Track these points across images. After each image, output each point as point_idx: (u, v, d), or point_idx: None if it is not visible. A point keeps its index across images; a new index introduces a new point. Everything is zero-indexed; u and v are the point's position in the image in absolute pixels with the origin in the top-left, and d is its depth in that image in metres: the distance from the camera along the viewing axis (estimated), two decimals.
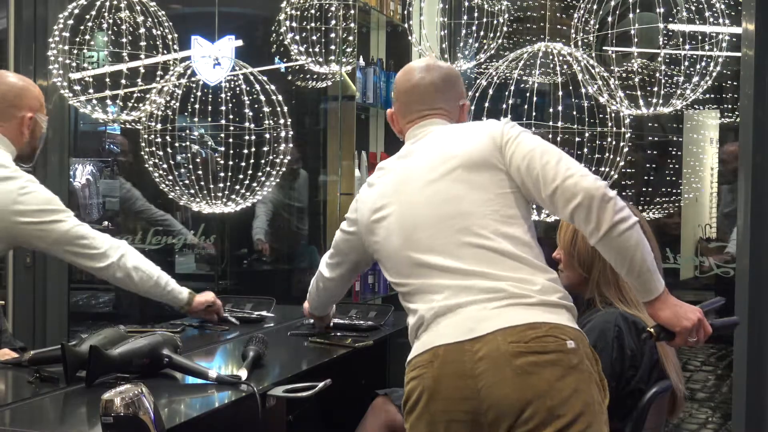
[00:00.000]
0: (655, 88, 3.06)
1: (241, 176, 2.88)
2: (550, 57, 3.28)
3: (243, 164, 2.87)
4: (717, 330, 2.07)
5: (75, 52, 3.09)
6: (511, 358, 1.84)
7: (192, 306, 2.89)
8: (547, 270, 2.01)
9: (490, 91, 3.33)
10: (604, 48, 3.32)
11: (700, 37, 3.20)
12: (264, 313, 3.27)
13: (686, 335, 1.98)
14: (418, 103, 2.25)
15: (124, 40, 2.99)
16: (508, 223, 2.00)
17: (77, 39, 3.08)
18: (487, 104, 3.23)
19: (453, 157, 2.07)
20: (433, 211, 2.04)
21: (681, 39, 3.09)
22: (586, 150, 3.17)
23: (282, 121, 2.92)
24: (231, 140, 2.85)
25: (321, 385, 2.29)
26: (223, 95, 2.88)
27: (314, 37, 3.76)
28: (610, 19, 3.21)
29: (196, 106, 2.94)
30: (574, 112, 3.22)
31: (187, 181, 2.91)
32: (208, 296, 2.96)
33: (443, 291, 1.97)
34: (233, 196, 2.92)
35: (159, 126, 2.89)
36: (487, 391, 1.86)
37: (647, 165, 4.92)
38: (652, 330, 2.01)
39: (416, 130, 2.23)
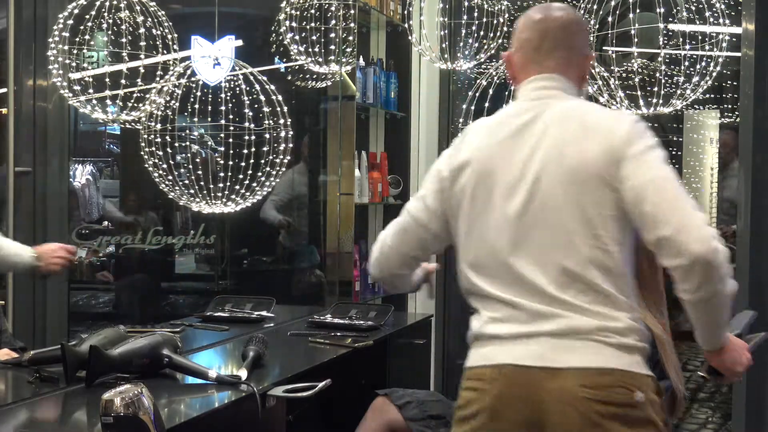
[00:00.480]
0: (655, 88, 3.06)
1: (241, 176, 2.88)
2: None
3: (243, 164, 2.87)
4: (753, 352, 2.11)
5: (75, 52, 3.08)
6: (578, 403, 1.78)
7: (42, 268, 2.72)
8: (633, 307, 1.88)
9: (490, 91, 3.33)
10: (604, 48, 3.32)
11: (700, 37, 3.19)
12: (264, 313, 3.27)
13: (735, 377, 2.04)
14: (536, 49, 2.01)
15: (123, 40, 2.98)
16: (606, 252, 1.84)
17: (77, 39, 3.08)
18: (487, 104, 3.23)
19: (562, 161, 1.87)
20: (531, 217, 1.87)
21: (681, 39, 3.09)
22: None
23: (282, 121, 2.92)
24: (231, 140, 2.85)
25: (321, 385, 2.29)
26: (223, 95, 2.88)
27: (314, 37, 3.76)
28: (610, 19, 3.21)
29: (196, 106, 2.93)
30: None
31: (187, 181, 2.91)
32: (54, 258, 2.72)
33: (522, 309, 1.86)
34: (233, 196, 2.91)
35: (159, 126, 2.89)
36: (552, 427, 1.81)
37: None
38: (706, 375, 2.07)
39: (531, 83, 2.00)
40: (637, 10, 3.04)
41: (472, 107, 3.28)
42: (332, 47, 3.85)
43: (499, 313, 1.89)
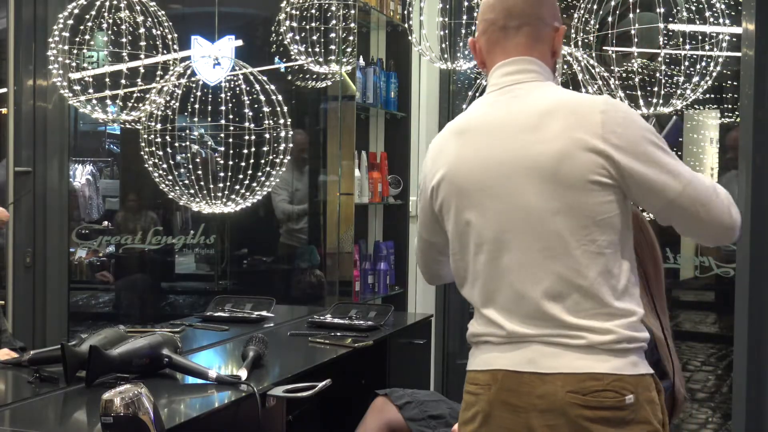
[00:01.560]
0: (655, 88, 3.06)
1: (241, 176, 2.88)
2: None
3: (243, 164, 2.87)
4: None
5: (75, 52, 3.08)
6: (566, 408, 1.75)
7: None
8: (629, 311, 1.79)
9: None
10: (604, 48, 3.32)
11: (700, 37, 3.19)
12: (264, 313, 3.27)
13: None
14: (502, 29, 1.89)
15: (124, 40, 2.98)
16: (602, 255, 1.77)
17: (77, 39, 3.08)
18: None
19: (547, 166, 1.77)
20: (517, 226, 1.80)
21: (681, 39, 3.09)
22: None
23: (282, 121, 2.92)
24: (231, 140, 2.85)
25: (321, 385, 2.29)
26: (223, 95, 2.88)
27: (314, 37, 3.76)
28: (610, 19, 3.20)
29: (196, 106, 2.94)
30: None
31: (187, 181, 2.91)
32: None
33: (514, 316, 1.82)
34: (233, 196, 2.91)
35: (159, 126, 2.89)
36: (542, 430, 1.78)
37: None
38: None
39: (499, 69, 1.89)
40: (637, 10, 3.04)
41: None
42: (332, 47, 3.85)
43: (491, 320, 1.85)
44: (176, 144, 2.90)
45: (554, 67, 1.97)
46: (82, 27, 3.06)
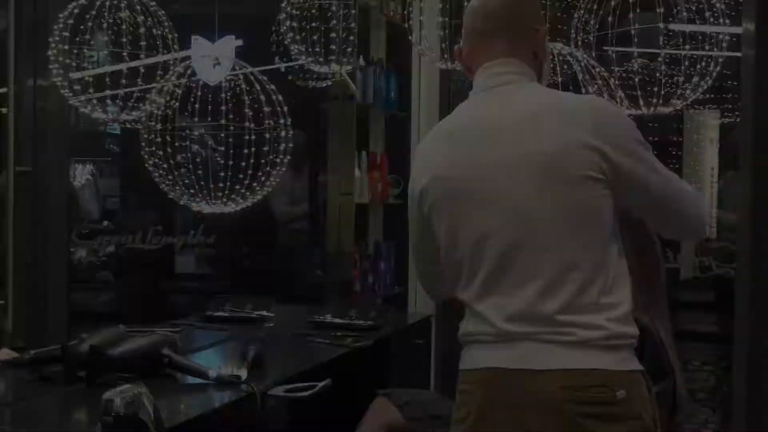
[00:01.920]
0: (655, 88, 3.06)
1: (241, 176, 2.88)
2: (550, 57, 3.28)
3: (243, 164, 2.87)
4: None
5: (75, 52, 3.08)
6: (560, 404, 1.75)
7: None
8: (617, 304, 1.80)
9: None
10: (604, 48, 3.32)
11: (700, 37, 3.19)
12: (264, 313, 3.27)
13: None
14: (482, 35, 1.92)
15: (124, 40, 2.98)
16: (595, 248, 1.79)
17: (77, 39, 3.08)
18: None
19: (540, 164, 1.78)
20: (513, 226, 1.81)
21: (681, 39, 3.09)
22: None
23: (282, 121, 2.92)
24: (231, 140, 2.85)
25: (321, 385, 2.29)
26: (223, 95, 2.88)
27: (314, 37, 3.76)
28: (610, 19, 3.20)
29: (196, 106, 2.94)
30: None
31: (187, 181, 2.91)
32: None
33: (505, 313, 1.82)
34: (233, 196, 2.91)
35: (159, 126, 2.89)
36: (535, 428, 1.78)
37: None
38: None
39: (484, 72, 1.91)
40: (637, 10, 3.04)
41: None
42: (332, 47, 3.85)
43: (483, 318, 1.87)
44: (176, 144, 2.89)
45: (540, 69, 1.97)
46: (82, 27, 3.06)
